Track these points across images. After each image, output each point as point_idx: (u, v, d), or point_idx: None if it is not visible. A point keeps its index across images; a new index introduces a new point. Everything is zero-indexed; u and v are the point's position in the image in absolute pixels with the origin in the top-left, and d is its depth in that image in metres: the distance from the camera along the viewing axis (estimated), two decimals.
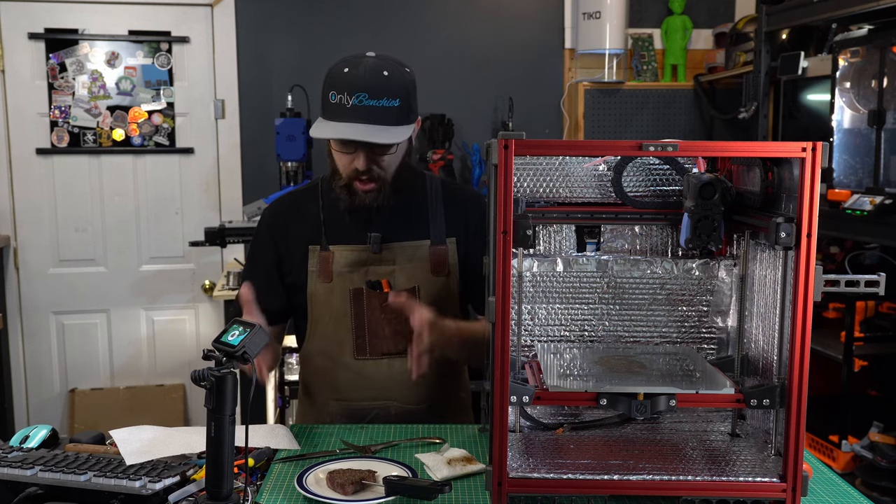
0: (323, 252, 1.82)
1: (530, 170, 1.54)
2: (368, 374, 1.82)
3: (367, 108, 1.65)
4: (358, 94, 1.65)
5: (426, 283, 1.82)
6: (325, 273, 1.81)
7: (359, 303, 1.81)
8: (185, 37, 3.98)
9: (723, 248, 1.54)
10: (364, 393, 1.83)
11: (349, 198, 1.76)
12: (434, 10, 4.10)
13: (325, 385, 1.87)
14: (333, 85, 1.68)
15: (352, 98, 1.65)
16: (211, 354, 1.20)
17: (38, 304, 4.02)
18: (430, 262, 1.83)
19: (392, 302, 1.68)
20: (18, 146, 3.91)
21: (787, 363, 1.25)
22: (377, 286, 1.81)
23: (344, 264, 1.81)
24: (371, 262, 1.81)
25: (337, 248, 1.82)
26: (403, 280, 1.81)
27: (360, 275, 1.81)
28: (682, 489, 1.28)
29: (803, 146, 1.20)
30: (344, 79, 1.67)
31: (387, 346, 1.81)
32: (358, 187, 1.74)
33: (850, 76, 3.23)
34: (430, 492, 1.31)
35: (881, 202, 2.82)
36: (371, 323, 1.81)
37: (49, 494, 1.35)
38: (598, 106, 4.14)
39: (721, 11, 4.29)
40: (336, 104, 1.67)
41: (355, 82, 1.66)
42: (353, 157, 1.70)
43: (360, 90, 1.65)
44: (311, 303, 1.83)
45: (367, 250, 1.81)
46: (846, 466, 3.06)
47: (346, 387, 1.84)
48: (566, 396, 1.34)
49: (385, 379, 1.82)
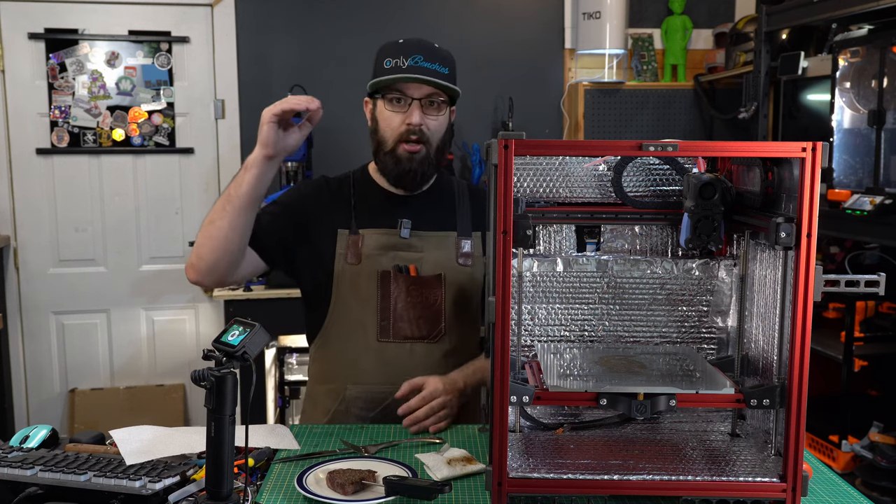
0: (353, 235, 1.86)
1: (530, 170, 1.54)
2: (390, 357, 1.84)
3: (423, 68, 1.76)
4: (413, 56, 1.76)
5: (451, 272, 1.87)
6: (354, 254, 1.84)
7: (385, 285, 1.84)
8: (185, 37, 3.98)
9: (723, 248, 1.54)
10: (384, 376, 1.83)
11: (395, 165, 1.82)
12: (434, 10, 4.10)
13: (344, 368, 1.87)
14: (388, 53, 1.79)
15: (408, 60, 1.76)
16: (211, 354, 1.20)
17: (38, 304, 4.02)
18: (455, 253, 1.88)
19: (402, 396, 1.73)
20: (18, 146, 3.91)
21: (787, 363, 1.25)
22: (405, 270, 1.85)
23: (374, 247, 1.85)
24: (399, 248, 1.86)
25: (367, 231, 1.86)
26: (430, 267, 1.86)
27: (388, 258, 1.85)
28: (682, 489, 1.28)
29: (803, 146, 1.20)
30: (397, 46, 1.78)
31: (411, 329, 1.84)
32: (405, 150, 1.80)
33: (850, 76, 3.23)
34: (430, 492, 1.31)
35: (881, 202, 2.82)
36: (397, 306, 1.84)
37: (49, 494, 1.35)
38: (598, 106, 4.14)
39: (721, 11, 4.29)
40: (391, 68, 1.77)
41: (410, 47, 1.77)
42: (406, 114, 1.78)
43: (415, 52, 1.76)
44: (337, 283, 1.85)
45: (397, 234, 1.86)
46: (846, 466, 3.06)
47: (367, 370, 1.84)
48: (566, 396, 1.34)
49: (406, 363, 1.83)
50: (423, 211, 1.89)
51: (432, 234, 1.88)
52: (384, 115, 1.82)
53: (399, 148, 1.81)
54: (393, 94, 1.79)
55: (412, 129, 1.78)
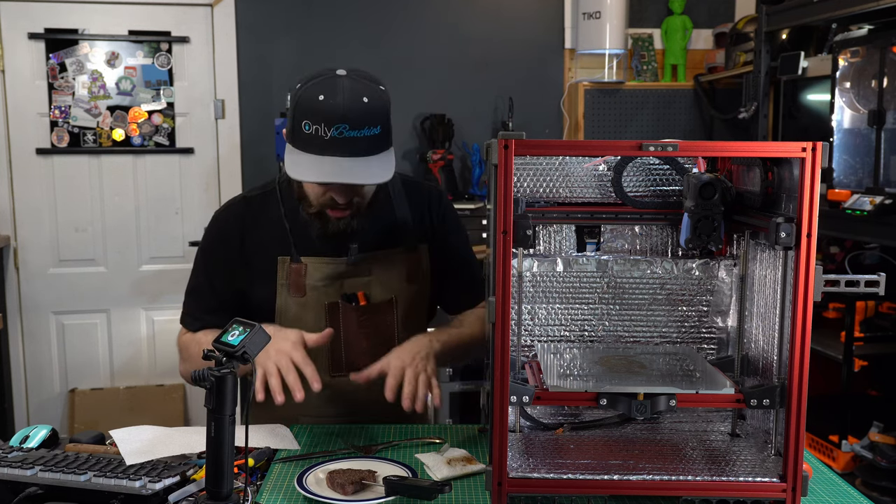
0: (294, 264, 1.70)
1: (530, 170, 1.54)
2: (344, 390, 1.73)
3: (348, 139, 1.51)
4: (337, 126, 1.51)
5: (402, 293, 1.76)
6: (296, 287, 1.70)
7: (334, 318, 1.71)
8: (185, 37, 3.98)
9: (723, 248, 1.54)
10: (339, 410, 1.76)
11: (320, 225, 1.66)
12: (434, 10, 4.10)
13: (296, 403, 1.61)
14: (307, 114, 1.53)
15: (330, 130, 1.51)
16: (211, 354, 1.20)
17: (38, 304, 4.02)
18: (405, 270, 1.77)
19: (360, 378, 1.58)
20: (18, 146, 3.91)
21: (787, 363, 1.25)
22: (353, 299, 1.73)
23: (319, 278, 1.71)
24: (346, 275, 1.72)
25: (309, 259, 1.71)
26: (380, 291, 1.74)
27: (335, 288, 1.72)
28: (682, 489, 1.28)
29: (803, 146, 1.20)
30: (319, 108, 1.52)
31: (364, 361, 1.66)
32: (332, 215, 1.65)
33: (850, 76, 3.23)
34: (430, 492, 1.31)
35: (881, 202, 2.82)
36: (348, 338, 1.73)
37: (49, 494, 1.35)
38: (598, 106, 4.14)
39: (721, 11, 4.29)
40: (311, 135, 1.52)
41: (333, 112, 1.51)
42: (329, 188, 1.60)
43: (339, 121, 1.51)
44: (280, 318, 1.72)
45: (343, 262, 1.71)
46: (846, 466, 3.06)
47: (319, 404, 1.72)
48: (566, 396, 1.34)
49: (363, 395, 1.70)
50: (365, 227, 1.70)
51: (378, 253, 1.74)
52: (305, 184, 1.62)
53: (326, 211, 1.64)
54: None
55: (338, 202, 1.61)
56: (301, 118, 1.54)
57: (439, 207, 1.85)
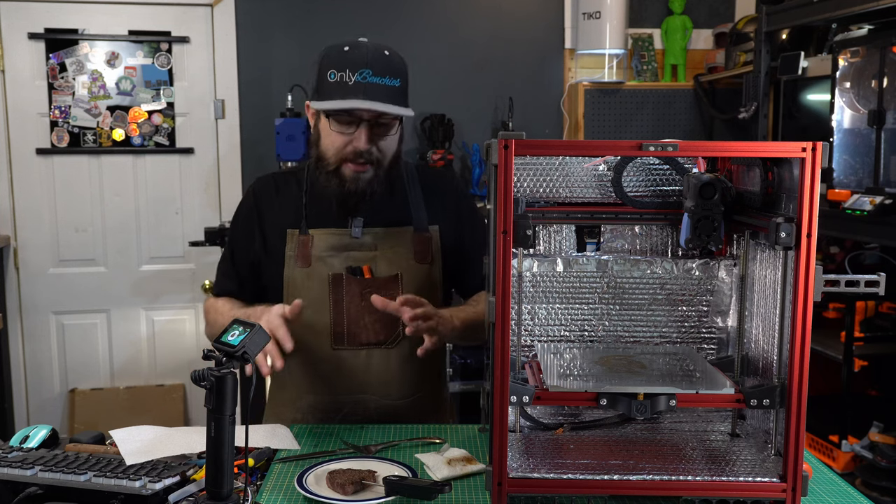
0: (302, 236, 1.75)
1: (530, 170, 1.54)
2: (346, 365, 1.75)
3: (371, 84, 1.61)
4: (361, 71, 1.61)
5: (409, 271, 1.77)
6: (303, 257, 1.74)
7: (338, 289, 1.73)
8: (185, 37, 3.98)
9: (723, 248, 1.54)
10: (340, 386, 1.77)
11: (339, 183, 1.69)
12: (434, 10, 4.10)
13: (299, 378, 1.80)
14: (332, 64, 1.63)
15: (354, 74, 1.61)
16: (211, 354, 1.20)
17: (38, 304, 4.02)
18: (412, 250, 1.78)
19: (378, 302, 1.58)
20: (18, 146, 3.91)
21: (787, 363, 1.25)
22: (358, 272, 1.75)
23: (323, 248, 1.75)
24: (352, 248, 1.75)
25: (316, 231, 1.76)
26: (385, 267, 1.76)
27: (340, 260, 1.75)
28: (682, 489, 1.28)
29: (803, 146, 1.20)
30: (344, 57, 1.63)
31: (367, 335, 1.73)
32: (351, 170, 1.68)
33: (850, 76, 3.23)
34: (430, 492, 1.31)
35: (881, 202, 2.82)
36: (351, 311, 1.74)
37: (49, 494, 1.35)
38: (598, 106, 4.14)
39: (721, 11, 4.29)
40: (336, 83, 1.62)
41: (357, 59, 1.62)
42: (352, 137, 1.66)
43: (363, 66, 1.61)
44: (287, 288, 1.75)
45: (348, 234, 1.75)
46: (846, 466, 3.05)
47: (322, 379, 1.77)
48: (566, 396, 1.34)
49: (363, 371, 1.75)
50: (376, 205, 1.74)
51: (387, 230, 1.77)
52: (328, 133, 1.68)
53: (344, 166, 1.68)
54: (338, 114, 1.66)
55: (359, 152, 1.66)
56: (326, 69, 1.64)
57: (454, 191, 1.87)
